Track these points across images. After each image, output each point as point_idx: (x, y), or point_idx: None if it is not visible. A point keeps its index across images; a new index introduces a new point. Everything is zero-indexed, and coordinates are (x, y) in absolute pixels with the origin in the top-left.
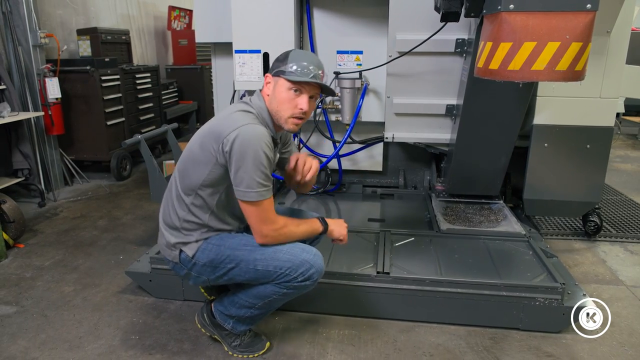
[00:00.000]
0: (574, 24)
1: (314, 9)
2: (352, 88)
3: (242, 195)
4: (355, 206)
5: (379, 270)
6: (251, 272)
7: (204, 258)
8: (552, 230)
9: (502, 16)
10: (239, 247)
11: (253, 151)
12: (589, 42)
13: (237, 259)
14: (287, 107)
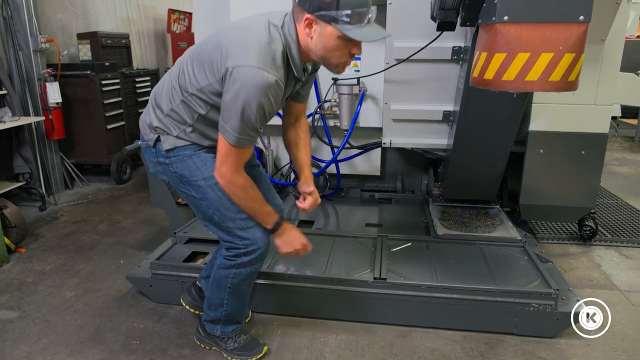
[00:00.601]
0: (567, 35)
1: None
2: (350, 94)
3: (223, 131)
4: (353, 211)
5: (376, 276)
6: (207, 214)
7: (178, 167)
8: (549, 234)
9: (496, 27)
10: (213, 185)
11: (249, 104)
12: (582, 52)
13: (205, 195)
14: (338, 54)
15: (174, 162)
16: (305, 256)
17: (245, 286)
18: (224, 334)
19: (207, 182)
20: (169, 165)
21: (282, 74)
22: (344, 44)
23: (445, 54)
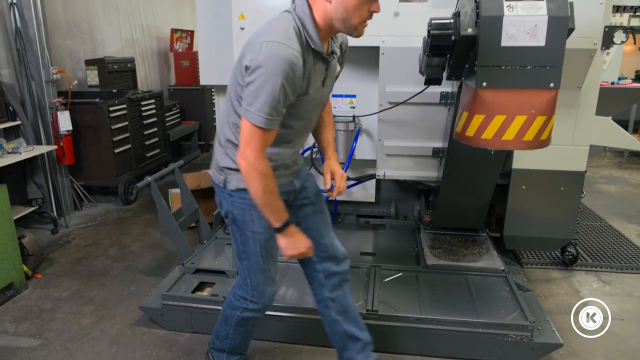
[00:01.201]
0: (539, 101)
1: None
2: (346, 130)
3: (245, 113)
4: (349, 237)
5: (369, 309)
6: (240, 256)
7: (237, 211)
8: (533, 259)
9: (476, 91)
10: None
11: (269, 79)
12: (553, 114)
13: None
14: (358, 13)
15: (235, 203)
16: (306, 287)
17: (249, 325)
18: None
19: (254, 235)
20: (230, 204)
21: (298, 48)
22: (364, 2)
23: (434, 99)
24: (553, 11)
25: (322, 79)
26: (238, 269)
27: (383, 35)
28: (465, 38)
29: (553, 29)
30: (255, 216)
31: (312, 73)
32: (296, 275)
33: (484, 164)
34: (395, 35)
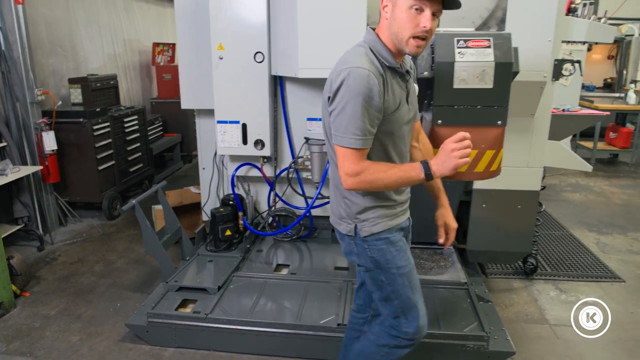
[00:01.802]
0: (488, 136)
1: (287, 83)
2: (320, 152)
3: (335, 139)
4: (324, 252)
5: (339, 322)
6: (388, 297)
7: (375, 254)
8: (497, 270)
9: (433, 128)
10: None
11: (349, 100)
12: (501, 148)
13: (393, 281)
14: (407, 27)
15: (372, 247)
16: (284, 302)
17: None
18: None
19: (400, 270)
20: (368, 249)
21: (373, 68)
22: (413, 14)
23: None
24: (499, 58)
25: (404, 95)
26: (383, 310)
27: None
28: (422, 80)
29: (499, 73)
30: (394, 252)
31: (394, 88)
32: (274, 289)
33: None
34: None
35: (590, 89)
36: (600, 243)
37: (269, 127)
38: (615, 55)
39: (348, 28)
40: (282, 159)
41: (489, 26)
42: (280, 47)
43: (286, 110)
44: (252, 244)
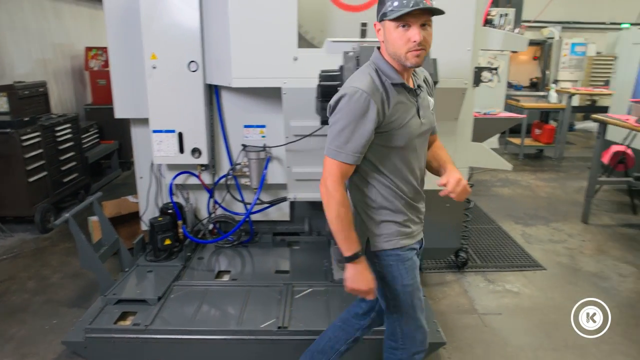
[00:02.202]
0: None
1: (222, 91)
2: (257, 159)
3: (325, 150)
4: (265, 257)
5: (279, 326)
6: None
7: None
8: (432, 264)
9: None
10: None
11: (341, 117)
12: None
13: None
14: (400, 44)
15: (382, 261)
16: (225, 309)
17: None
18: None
19: (404, 289)
20: (377, 263)
21: (374, 87)
22: (401, 32)
23: None
24: None
25: (414, 109)
26: (386, 322)
27: (284, 77)
28: None
29: None
30: (402, 269)
31: (399, 105)
32: (216, 296)
33: None
34: (295, 78)
35: (517, 88)
36: (526, 234)
37: (205, 136)
38: (539, 57)
39: (280, 38)
40: (221, 166)
41: None
42: (214, 57)
43: (222, 118)
44: (193, 252)
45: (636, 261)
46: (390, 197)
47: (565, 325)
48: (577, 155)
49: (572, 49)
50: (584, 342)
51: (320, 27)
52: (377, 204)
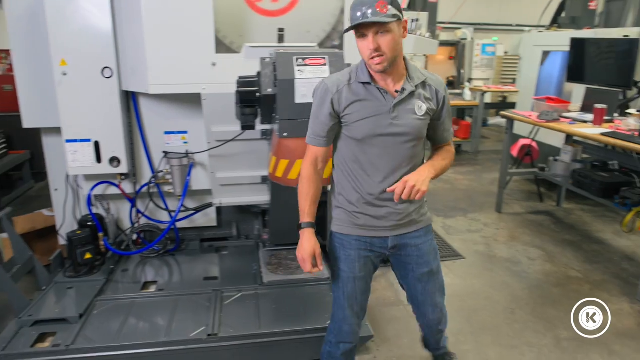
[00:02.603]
0: None
1: (140, 98)
2: (180, 165)
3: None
4: (193, 264)
5: (209, 333)
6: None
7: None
8: None
9: (280, 141)
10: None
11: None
12: None
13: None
14: (363, 53)
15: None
16: (153, 320)
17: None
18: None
19: (340, 273)
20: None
21: (338, 81)
22: (361, 42)
23: (256, 135)
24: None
25: (384, 109)
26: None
27: (203, 83)
28: (267, 96)
29: None
30: (343, 256)
31: (363, 101)
32: (143, 308)
33: None
34: (215, 83)
35: None
36: (446, 226)
37: (123, 144)
38: (454, 57)
39: (197, 43)
40: (142, 175)
41: (332, 39)
42: (129, 63)
43: (142, 126)
44: (117, 264)
45: (543, 245)
46: (347, 187)
47: (483, 309)
48: (491, 149)
49: (483, 49)
50: (498, 323)
51: (239, 31)
52: (337, 189)
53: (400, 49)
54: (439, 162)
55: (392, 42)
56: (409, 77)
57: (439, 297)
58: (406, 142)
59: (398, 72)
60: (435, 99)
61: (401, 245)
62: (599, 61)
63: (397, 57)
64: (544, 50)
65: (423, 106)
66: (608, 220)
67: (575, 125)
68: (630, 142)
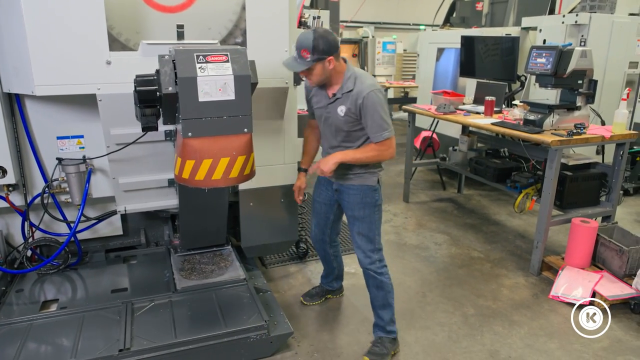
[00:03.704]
0: (237, 144)
1: (26, 100)
2: (77, 172)
3: None
4: (99, 277)
5: (121, 348)
6: None
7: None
8: (275, 259)
9: (184, 141)
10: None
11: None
12: (251, 152)
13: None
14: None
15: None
16: (56, 342)
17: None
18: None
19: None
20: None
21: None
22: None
23: (160, 136)
24: (237, 71)
25: (324, 104)
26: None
27: (98, 83)
28: (168, 95)
29: (239, 85)
30: (315, 186)
31: (317, 97)
32: (43, 330)
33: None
34: (111, 83)
35: None
36: None
37: (8, 152)
38: (357, 54)
39: (88, 39)
40: (34, 184)
41: (235, 36)
42: (10, 61)
43: (30, 131)
44: (9, 284)
45: (447, 230)
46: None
47: (396, 296)
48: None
49: (384, 47)
50: (412, 307)
51: (135, 28)
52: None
53: (328, 73)
54: (354, 152)
55: (315, 75)
56: (341, 88)
57: (357, 238)
58: (335, 129)
59: (334, 84)
60: (354, 105)
61: (339, 190)
62: (486, 57)
63: (326, 78)
64: (439, 47)
65: (343, 108)
66: (502, 202)
67: (470, 117)
68: (516, 130)
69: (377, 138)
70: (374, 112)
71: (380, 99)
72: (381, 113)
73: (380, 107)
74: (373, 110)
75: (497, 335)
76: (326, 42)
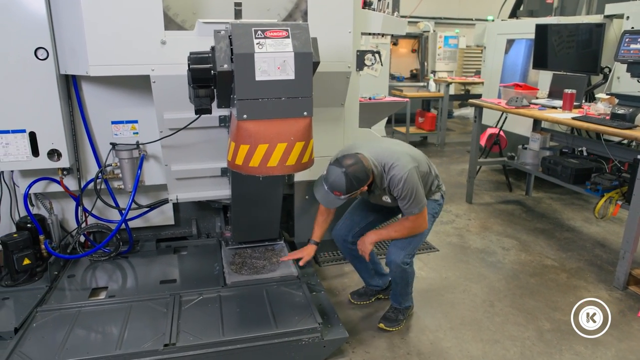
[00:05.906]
0: (296, 128)
1: (82, 82)
2: (130, 158)
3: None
4: (148, 266)
5: (166, 343)
6: None
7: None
8: (329, 257)
9: (239, 124)
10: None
11: None
12: (310, 139)
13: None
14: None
15: None
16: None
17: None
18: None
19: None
20: None
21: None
22: None
23: (214, 122)
24: (297, 48)
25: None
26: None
27: (152, 64)
28: (222, 73)
29: (300, 64)
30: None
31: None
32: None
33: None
34: (165, 64)
35: (399, 80)
36: None
37: (64, 135)
38: (417, 49)
39: (143, 19)
40: (87, 169)
41: (295, 18)
42: (67, 42)
43: (85, 114)
44: (62, 269)
45: (515, 234)
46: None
47: (461, 303)
48: (457, 141)
49: (445, 42)
50: (478, 317)
51: (191, 9)
52: None
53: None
54: (386, 230)
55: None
56: (375, 185)
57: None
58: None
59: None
60: (388, 193)
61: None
62: (562, 48)
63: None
64: (508, 38)
65: (388, 197)
66: (576, 207)
67: (545, 111)
68: (603, 125)
69: (409, 213)
70: (410, 195)
71: (411, 180)
72: (415, 194)
73: (414, 187)
74: (409, 194)
75: (578, 356)
76: (357, 180)
